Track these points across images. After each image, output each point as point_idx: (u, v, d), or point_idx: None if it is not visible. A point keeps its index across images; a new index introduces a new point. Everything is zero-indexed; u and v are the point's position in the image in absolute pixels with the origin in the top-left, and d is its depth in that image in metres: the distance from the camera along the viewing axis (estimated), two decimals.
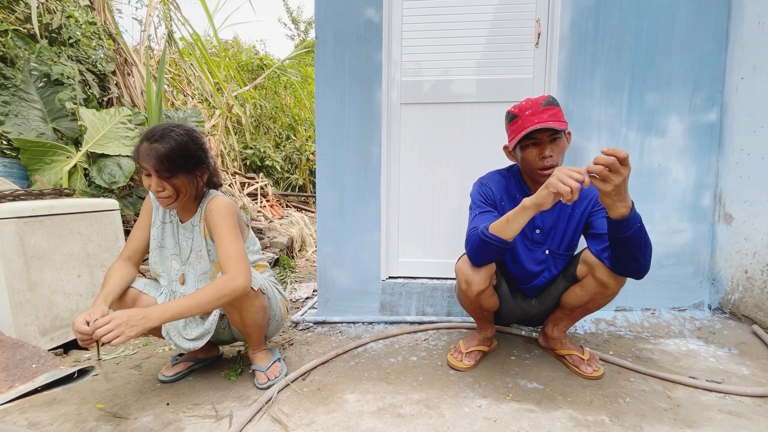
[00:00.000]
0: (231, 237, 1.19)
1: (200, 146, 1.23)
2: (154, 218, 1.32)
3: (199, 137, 1.24)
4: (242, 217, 1.34)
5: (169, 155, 1.13)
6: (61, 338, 1.61)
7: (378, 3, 1.79)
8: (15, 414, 1.16)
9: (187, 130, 1.21)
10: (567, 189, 0.95)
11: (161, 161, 1.13)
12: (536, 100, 1.25)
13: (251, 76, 5.64)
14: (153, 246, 1.31)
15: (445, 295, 1.89)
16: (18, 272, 1.47)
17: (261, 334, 1.34)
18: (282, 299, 1.42)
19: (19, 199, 1.59)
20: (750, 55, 1.67)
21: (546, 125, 1.19)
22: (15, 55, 2.53)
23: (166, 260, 1.32)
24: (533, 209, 1.06)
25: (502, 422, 1.10)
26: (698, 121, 1.79)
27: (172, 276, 1.32)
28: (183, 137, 1.17)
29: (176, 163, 1.15)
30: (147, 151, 1.13)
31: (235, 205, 1.27)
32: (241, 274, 1.14)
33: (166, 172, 1.14)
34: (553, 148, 1.24)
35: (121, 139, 2.73)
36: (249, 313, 1.24)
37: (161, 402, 1.23)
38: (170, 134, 1.16)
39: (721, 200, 1.80)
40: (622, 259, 1.15)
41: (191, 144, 1.19)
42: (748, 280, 1.68)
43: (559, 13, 1.75)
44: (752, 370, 1.38)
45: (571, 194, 0.95)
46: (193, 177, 1.22)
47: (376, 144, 1.86)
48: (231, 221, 1.21)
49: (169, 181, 1.16)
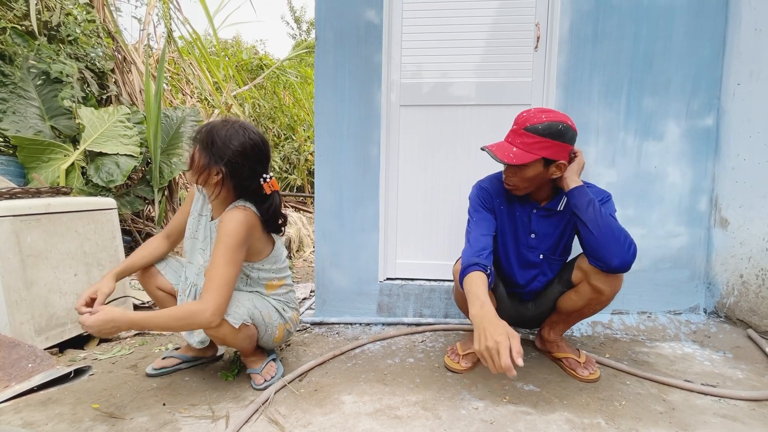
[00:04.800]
0: (223, 260, 1.13)
1: (239, 150, 1.17)
2: (193, 208, 1.35)
3: (249, 147, 1.19)
4: (263, 233, 1.27)
5: (212, 134, 1.17)
6: (57, 337, 1.60)
7: (378, 4, 1.79)
8: (9, 414, 1.16)
9: (247, 134, 1.20)
10: (491, 366, 0.92)
11: (207, 134, 1.18)
12: (529, 120, 1.18)
13: (251, 75, 5.63)
14: (187, 234, 1.35)
15: (443, 297, 1.89)
16: (14, 271, 1.46)
17: (251, 349, 1.33)
18: (283, 323, 1.35)
19: (16, 197, 1.59)
20: (747, 62, 1.69)
21: (487, 148, 1.22)
22: (13, 52, 2.52)
23: (195, 252, 1.33)
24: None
25: (498, 424, 1.10)
26: (695, 126, 1.80)
27: (196, 269, 1.32)
28: (238, 134, 1.18)
29: (207, 143, 1.17)
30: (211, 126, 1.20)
31: (249, 224, 1.18)
32: (211, 308, 1.10)
33: (200, 143, 1.18)
34: (512, 172, 1.25)
35: (120, 138, 2.73)
36: (233, 343, 1.24)
37: (157, 402, 1.23)
38: (233, 125, 1.19)
39: (717, 205, 1.82)
40: (584, 236, 1.19)
41: (231, 142, 1.17)
42: (744, 284, 1.69)
43: (559, 17, 1.76)
44: (747, 374, 1.39)
45: (493, 366, 0.92)
46: (213, 168, 1.17)
47: (375, 145, 1.86)
48: (232, 242, 1.14)
49: (196, 151, 1.19)
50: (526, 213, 1.35)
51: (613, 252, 1.14)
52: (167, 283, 1.37)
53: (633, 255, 1.14)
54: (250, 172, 1.21)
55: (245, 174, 1.20)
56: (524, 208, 1.35)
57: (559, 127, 1.16)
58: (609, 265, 1.16)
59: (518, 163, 1.17)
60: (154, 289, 1.37)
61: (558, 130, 1.16)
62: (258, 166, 1.22)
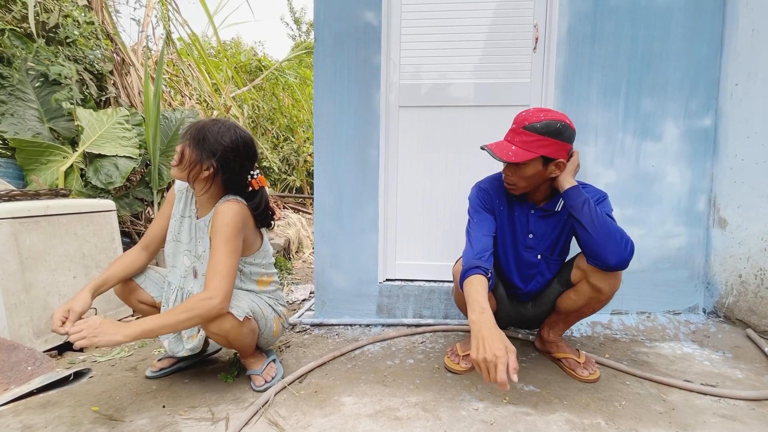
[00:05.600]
0: (224, 250, 1.15)
1: (230, 146, 1.20)
2: (174, 210, 1.34)
3: (240, 144, 1.22)
4: (253, 227, 1.29)
5: (204, 131, 1.19)
6: (56, 340, 1.59)
7: (377, 6, 1.80)
8: (8, 416, 1.15)
9: (237, 132, 1.23)
10: (485, 376, 0.94)
11: (199, 131, 1.19)
12: (526, 118, 1.20)
13: (249, 77, 5.63)
14: (169, 238, 1.34)
15: (443, 298, 1.89)
16: (13, 273, 1.46)
17: (252, 348, 1.34)
18: (276, 317, 1.37)
19: (15, 200, 1.58)
20: (744, 63, 1.69)
21: (489, 149, 1.22)
22: (12, 54, 2.52)
23: (179, 255, 1.32)
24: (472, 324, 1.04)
25: (498, 425, 1.10)
26: (693, 127, 1.81)
27: (182, 272, 1.31)
28: (230, 131, 1.21)
29: (199, 139, 1.18)
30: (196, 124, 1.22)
31: (244, 215, 1.21)
32: (219, 294, 1.11)
33: (192, 139, 1.19)
34: (511, 171, 1.25)
35: (118, 140, 2.72)
36: (237, 340, 1.23)
37: (157, 404, 1.22)
38: (224, 123, 1.22)
39: (715, 205, 1.82)
40: (581, 236, 1.20)
41: (223, 138, 1.19)
42: (742, 284, 1.69)
43: (557, 18, 1.77)
44: (746, 374, 1.39)
45: (487, 377, 0.93)
46: (205, 162, 1.18)
47: (374, 146, 1.86)
48: (231, 231, 1.16)
49: (186, 146, 1.20)
50: (524, 213, 1.35)
51: (610, 250, 1.15)
52: (148, 297, 1.34)
53: (630, 253, 1.15)
54: (240, 168, 1.23)
55: (236, 169, 1.23)
56: (522, 209, 1.35)
57: (557, 126, 1.17)
58: (607, 264, 1.16)
59: (517, 161, 1.18)
60: (136, 303, 1.36)
61: (556, 129, 1.17)
62: (247, 162, 1.25)
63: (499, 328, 1.00)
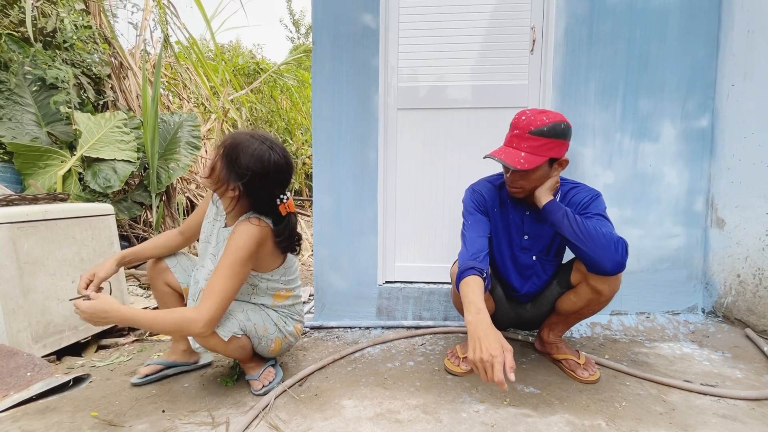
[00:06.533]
0: (226, 273, 1.13)
1: (260, 172, 1.15)
2: (209, 211, 1.35)
3: (271, 171, 1.16)
4: (273, 247, 1.25)
5: (237, 150, 1.14)
6: (55, 345, 1.59)
7: (375, 8, 1.80)
8: (7, 423, 1.15)
9: (272, 156, 1.16)
10: (483, 376, 0.94)
11: (233, 149, 1.15)
12: (531, 123, 1.19)
13: (248, 80, 5.64)
14: (202, 237, 1.35)
15: (442, 300, 1.89)
16: (11, 278, 1.46)
17: (248, 358, 1.32)
18: (280, 337, 1.33)
19: (13, 204, 1.58)
20: (740, 63, 1.70)
21: (496, 157, 1.21)
22: (9, 58, 2.52)
23: (206, 256, 1.32)
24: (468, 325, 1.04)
25: (499, 427, 1.10)
26: (690, 127, 1.81)
27: (206, 274, 1.30)
28: (264, 155, 1.15)
29: (231, 158, 1.15)
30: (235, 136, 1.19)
31: (260, 238, 1.17)
32: (204, 319, 1.09)
33: (225, 156, 1.16)
34: (519, 176, 1.24)
35: (117, 143, 2.72)
36: (226, 353, 1.24)
37: (157, 409, 1.22)
38: (261, 143, 1.16)
39: (713, 205, 1.83)
40: (571, 248, 1.21)
41: (255, 163, 1.14)
42: (741, 284, 1.70)
43: (554, 20, 1.78)
44: (746, 374, 1.39)
45: (485, 377, 0.93)
46: (231, 183, 1.16)
47: (372, 149, 1.86)
48: (240, 255, 1.13)
49: (218, 161, 1.17)
50: (519, 215, 1.36)
51: (602, 257, 1.14)
52: (175, 281, 1.37)
53: (624, 253, 1.15)
54: (267, 195, 1.20)
55: (262, 195, 1.20)
56: (517, 210, 1.36)
57: (561, 127, 1.19)
58: (604, 271, 1.16)
59: (531, 167, 1.18)
60: (161, 284, 1.37)
61: (561, 130, 1.19)
62: (276, 189, 1.21)
63: (496, 329, 1.00)
